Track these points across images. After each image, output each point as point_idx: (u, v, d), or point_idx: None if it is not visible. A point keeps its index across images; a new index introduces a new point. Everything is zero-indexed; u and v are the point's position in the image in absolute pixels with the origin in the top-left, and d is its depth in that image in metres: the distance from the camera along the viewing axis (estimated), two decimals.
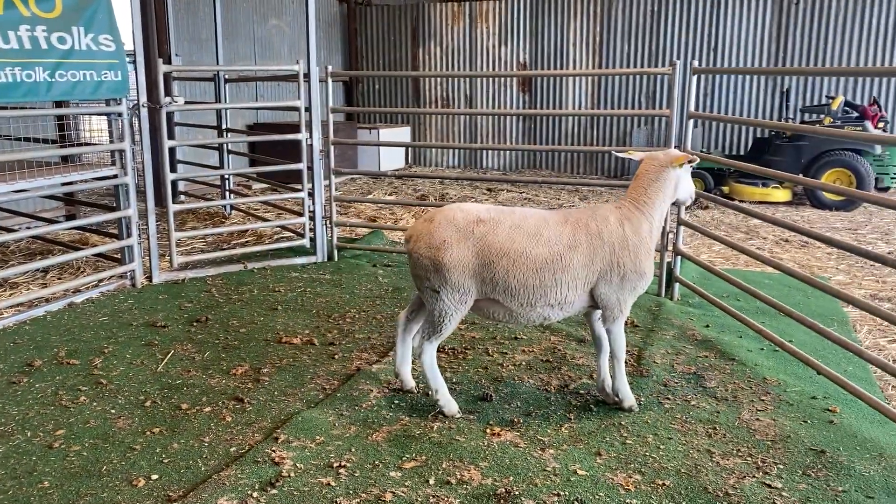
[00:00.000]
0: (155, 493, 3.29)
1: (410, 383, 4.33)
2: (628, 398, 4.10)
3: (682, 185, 4.16)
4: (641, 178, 4.07)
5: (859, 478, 3.44)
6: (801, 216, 10.35)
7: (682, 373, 4.65)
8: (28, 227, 7.35)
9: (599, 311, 4.06)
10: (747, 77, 13.52)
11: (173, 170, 8.41)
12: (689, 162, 4.07)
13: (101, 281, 6.39)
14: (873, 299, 6.30)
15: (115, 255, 6.74)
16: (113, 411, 4.09)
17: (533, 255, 3.79)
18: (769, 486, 3.36)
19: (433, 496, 3.24)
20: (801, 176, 9.90)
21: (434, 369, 4.04)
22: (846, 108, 11.10)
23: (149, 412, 4.09)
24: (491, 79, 15.27)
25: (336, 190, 7.77)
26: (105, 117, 6.37)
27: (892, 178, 10.89)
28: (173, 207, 6.66)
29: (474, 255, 3.80)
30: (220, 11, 9.37)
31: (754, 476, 3.44)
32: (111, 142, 6.23)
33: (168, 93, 7.25)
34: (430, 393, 4.09)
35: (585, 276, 3.87)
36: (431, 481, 3.37)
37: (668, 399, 4.25)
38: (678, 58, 13.15)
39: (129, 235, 6.36)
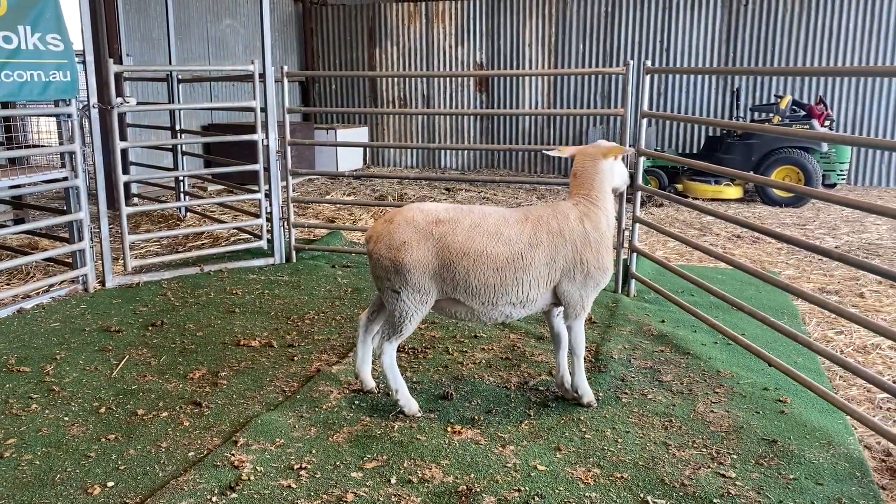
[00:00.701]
0: (111, 500, 3.23)
1: (370, 384, 4.33)
2: (587, 394, 4.15)
3: (617, 172, 4.24)
4: (583, 174, 4.11)
5: (809, 465, 3.54)
6: (753, 213, 10.59)
7: (639, 367, 4.73)
8: None
9: (559, 308, 4.11)
10: (699, 77, 13.80)
11: (126, 172, 8.26)
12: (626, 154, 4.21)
13: (52, 286, 6.24)
14: (821, 293, 6.49)
15: (67, 260, 6.60)
16: (66, 419, 4.01)
17: (493, 254, 3.81)
18: (723, 475, 3.44)
19: (395, 495, 3.24)
20: (751, 173, 10.13)
21: (394, 369, 4.04)
22: (794, 107, 11.40)
23: (103, 419, 4.01)
24: (448, 79, 15.32)
25: (293, 191, 7.71)
26: (54, 118, 6.23)
27: (838, 175, 11.22)
28: (126, 210, 6.54)
29: (434, 255, 3.81)
30: (171, 10, 9.21)
31: (709, 467, 3.52)
32: (61, 143, 6.09)
33: (119, 93, 7.10)
34: (390, 393, 4.09)
35: (548, 274, 3.90)
36: (393, 480, 3.37)
37: (626, 393, 4.32)
38: (632, 58, 13.35)
39: (80, 239, 6.23)
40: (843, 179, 11.38)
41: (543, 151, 4.57)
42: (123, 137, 8.94)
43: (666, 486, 3.34)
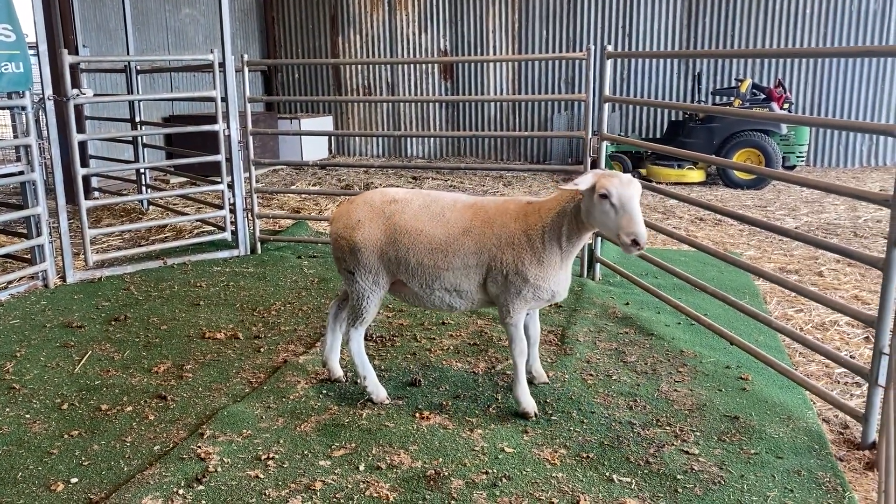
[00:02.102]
0: (75, 496, 3.19)
1: (338, 372, 4.32)
2: (522, 403, 3.87)
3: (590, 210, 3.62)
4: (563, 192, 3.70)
5: (770, 440, 3.62)
6: (715, 195, 10.74)
7: (604, 349, 4.79)
8: None
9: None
10: (661, 62, 13.91)
11: (85, 165, 8.10)
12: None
13: (10, 283, 6.11)
14: (782, 272, 6.61)
15: (25, 256, 6.47)
16: (28, 416, 3.94)
17: (430, 234, 3.77)
18: (687, 452, 3.50)
19: (363, 482, 3.25)
20: (713, 156, 10.27)
21: (362, 356, 4.04)
22: (754, 91, 11.56)
23: (66, 415, 3.95)
24: (412, 66, 15.25)
25: (258, 181, 7.64)
26: (8, 111, 6.08)
27: (797, 157, 11.41)
28: (86, 204, 6.42)
29: (382, 233, 3.83)
30: (128, 0, 9.04)
31: (673, 444, 3.58)
32: (16, 137, 5.95)
33: (76, 85, 6.96)
34: (358, 381, 4.09)
35: (475, 265, 3.75)
36: (361, 468, 3.37)
37: (591, 375, 4.38)
38: (594, 43, 13.43)
39: (38, 234, 6.11)
40: (802, 161, 11.59)
41: (560, 187, 3.60)
42: (82, 130, 8.77)
43: (631, 465, 3.40)
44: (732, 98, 11.54)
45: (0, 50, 5.57)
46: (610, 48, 5.87)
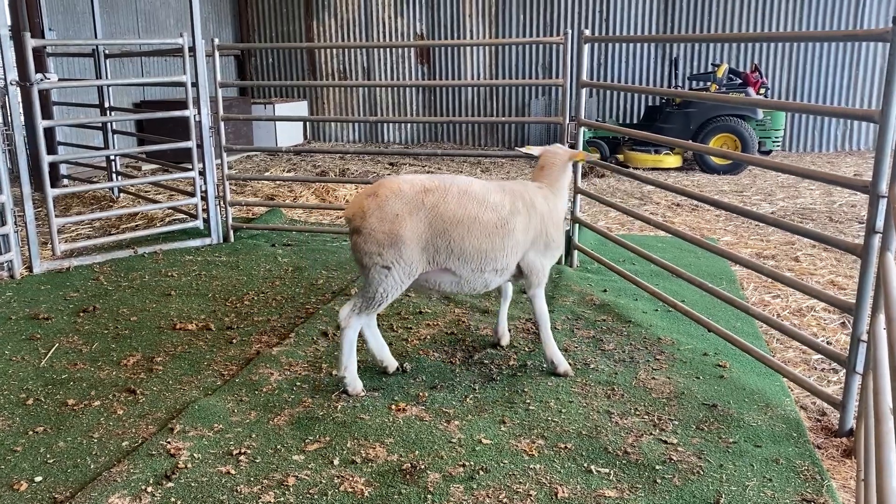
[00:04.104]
0: (39, 495, 3.09)
1: (393, 363, 4.25)
2: (561, 364, 4.22)
3: (570, 172, 4.57)
4: (551, 168, 4.37)
5: (748, 428, 3.60)
6: (692, 181, 10.76)
7: (582, 337, 4.75)
8: None
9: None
10: (638, 47, 13.88)
11: (53, 152, 7.91)
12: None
13: None
14: (758, 258, 6.62)
15: None
16: None
17: (483, 220, 3.88)
18: (665, 441, 3.47)
19: (338, 476, 3.19)
20: (690, 142, 10.27)
21: (352, 347, 3.94)
22: (730, 76, 11.58)
23: (31, 411, 3.83)
24: (389, 50, 15.09)
25: (230, 168, 7.50)
26: None
27: (773, 142, 11.46)
28: (52, 192, 6.25)
29: (428, 224, 3.78)
30: None
31: (651, 433, 3.55)
32: None
33: (41, 69, 6.76)
34: (336, 371, 4.02)
35: (523, 242, 4.06)
36: (336, 462, 3.31)
37: (569, 363, 4.33)
38: (572, 27, 13.35)
39: (3, 224, 5.93)
40: (777, 146, 11.64)
41: (515, 149, 4.84)
42: (48, 116, 8.55)
43: (609, 455, 3.36)
44: (709, 83, 11.54)
45: None
46: (587, 32, 5.80)
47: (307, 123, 15.67)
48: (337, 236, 7.36)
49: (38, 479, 3.21)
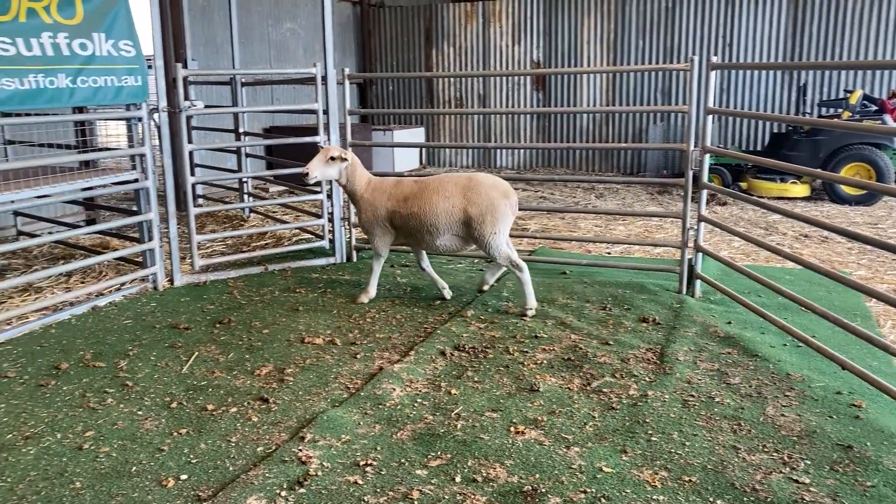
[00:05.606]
0: (185, 493, 3.33)
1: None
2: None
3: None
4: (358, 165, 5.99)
5: (887, 472, 3.41)
6: (821, 211, 10.27)
7: (706, 370, 4.64)
8: (50, 232, 7.43)
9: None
10: (763, 72, 13.44)
11: (192, 174, 8.48)
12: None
13: (123, 284, 6.45)
14: None
15: (137, 259, 6.81)
16: (140, 413, 4.14)
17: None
18: (797, 481, 3.34)
19: (460, 494, 3.25)
20: (820, 171, 9.83)
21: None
22: (865, 102, 11.01)
23: (175, 413, 4.13)
24: (504, 78, 15.27)
25: None
26: (122, 122, 6.43)
27: None
28: (194, 211, 6.71)
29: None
30: (235, 15, 9.43)
31: (781, 472, 3.43)
32: (131, 146, 6.29)
33: (186, 97, 7.30)
34: (528, 304, 5.67)
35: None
36: (458, 479, 3.38)
37: (693, 396, 4.24)
38: (693, 54, 13.11)
39: (150, 239, 6.42)
40: None
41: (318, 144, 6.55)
42: (190, 140, 9.17)
43: (736, 491, 3.27)
44: (841, 110, 11.02)
45: (121, 64, 5.89)
46: (715, 59, 5.71)
47: (423, 149, 16.06)
48: (452, 259, 7.50)
49: (184, 477, 3.46)
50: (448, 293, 6.19)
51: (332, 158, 5.86)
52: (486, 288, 6.32)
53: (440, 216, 5.66)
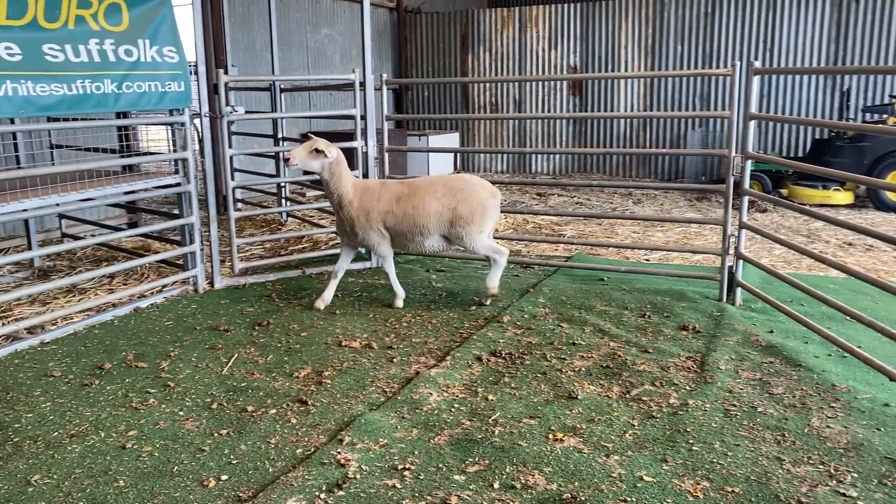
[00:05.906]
0: (226, 493, 3.36)
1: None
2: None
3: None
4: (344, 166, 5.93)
5: None
6: (865, 219, 10.05)
7: (748, 379, 4.56)
8: (93, 235, 7.59)
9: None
10: (804, 77, 13.21)
11: (232, 178, 8.58)
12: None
13: (164, 286, 6.55)
14: None
15: (178, 262, 6.91)
16: (181, 413, 4.19)
17: None
18: (844, 494, 3.27)
19: (499, 500, 3.24)
20: (866, 177, 9.62)
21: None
22: None
23: (216, 414, 4.17)
24: (540, 83, 15.23)
25: None
26: (163, 127, 6.55)
27: None
28: (234, 214, 6.80)
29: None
30: (275, 22, 9.55)
31: (827, 484, 3.35)
32: (174, 151, 6.39)
33: (227, 103, 7.40)
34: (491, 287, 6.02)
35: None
36: (496, 485, 3.36)
37: (734, 406, 4.17)
38: (734, 58, 12.94)
39: (191, 242, 6.51)
40: None
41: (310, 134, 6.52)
42: (230, 145, 9.30)
43: (781, 503, 3.20)
44: (886, 115, 10.79)
45: (165, 70, 6.00)
46: (757, 64, 5.63)
47: (457, 154, 16.08)
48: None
49: (224, 477, 3.49)
50: (400, 302, 6.17)
51: (317, 150, 5.76)
52: (491, 295, 6.23)
53: (432, 217, 5.82)
